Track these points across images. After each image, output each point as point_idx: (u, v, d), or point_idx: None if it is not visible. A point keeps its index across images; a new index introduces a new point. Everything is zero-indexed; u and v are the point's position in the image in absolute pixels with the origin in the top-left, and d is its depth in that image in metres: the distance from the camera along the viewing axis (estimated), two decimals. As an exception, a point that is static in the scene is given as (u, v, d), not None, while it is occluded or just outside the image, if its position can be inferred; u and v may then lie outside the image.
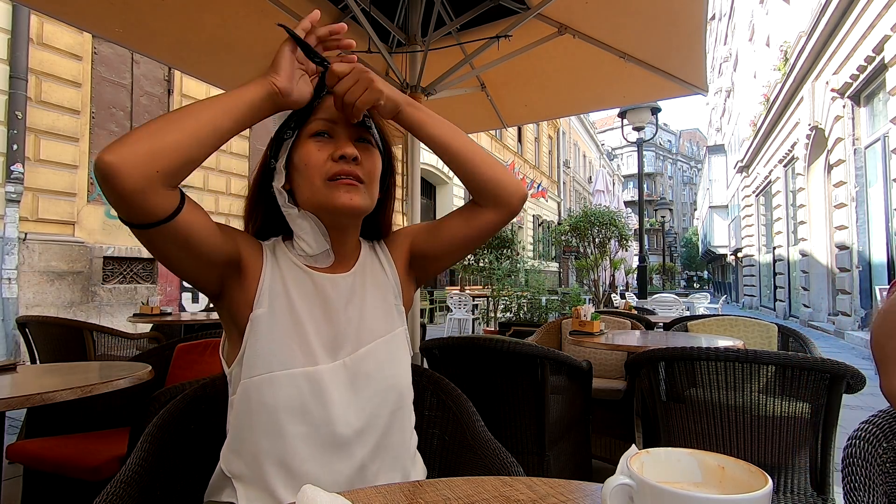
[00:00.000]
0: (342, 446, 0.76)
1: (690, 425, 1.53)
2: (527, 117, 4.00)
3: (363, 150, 0.81)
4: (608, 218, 8.96)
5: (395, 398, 0.82)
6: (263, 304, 0.77)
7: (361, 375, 0.79)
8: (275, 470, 0.74)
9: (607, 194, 12.70)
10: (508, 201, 0.86)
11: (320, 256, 0.82)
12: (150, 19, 2.27)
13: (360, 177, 0.79)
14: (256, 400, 0.74)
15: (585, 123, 29.77)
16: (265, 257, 0.80)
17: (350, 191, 0.78)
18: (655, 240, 40.43)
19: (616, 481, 0.47)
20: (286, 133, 0.80)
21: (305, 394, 0.75)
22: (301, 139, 0.80)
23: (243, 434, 0.76)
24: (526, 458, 1.72)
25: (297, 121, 0.80)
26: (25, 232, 4.91)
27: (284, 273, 0.80)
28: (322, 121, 0.79)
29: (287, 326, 0.77)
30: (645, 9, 2.46)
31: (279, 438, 0.74)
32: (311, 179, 0.78)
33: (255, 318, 0.76)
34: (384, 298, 0.86)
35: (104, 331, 2.58)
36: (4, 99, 4.79)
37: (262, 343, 0.75)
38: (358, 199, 0.78)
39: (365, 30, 2.30)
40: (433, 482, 0.65)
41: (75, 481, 1.58)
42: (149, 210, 0.62)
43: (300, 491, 0.54)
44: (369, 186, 0.81)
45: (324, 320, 0.79)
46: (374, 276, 0.87)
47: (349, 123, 0.80)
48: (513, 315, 7.78)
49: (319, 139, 0.79)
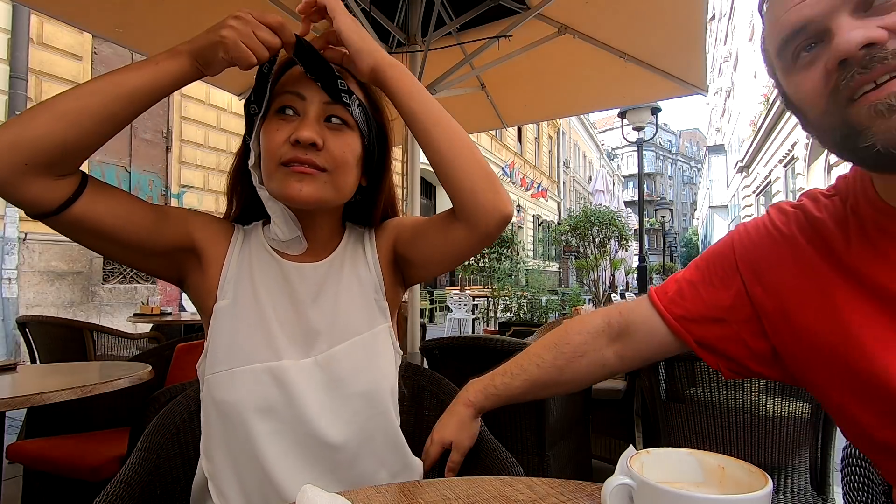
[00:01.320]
0: (318, 447, 0.72)
1: (690, 425, 1.53)
2: (527, 117, 4.00)
3: (333, 131, 0.71)
4: (608, 218, 8.98)
5: (375, 402, 0.75)
6: (227, 295, 0.73)
7: (334, 376, 0.73)
8: (247, 468, 0.70)
9: (607, 194, 12.71)
10: (480, 219, 0.70)
11: (292, 243, 0.76)
12: (149, 19, 2.27)
13: (319, 165, 0.69)
14: (219, 398, 0.69)
15: (585, 123, 29.78)
16: (233, 243, 0.76)
17: (302, 180, 0.68)
18: (655, 240, 40.44)
19: (616, 481, 0.47)
20: (251, 108, 0.73)
21: (270, 390, 0.70)
22: (269, 113, 0.72)
23: (211, 432, 0.72)
24: (526, 458, 1.72)
25: (257, 95, 0.72)
26: (25, 232, 4.91)
27: (252, 260, 0.75)
28: (290, 94, 0.70)
29: (250, 318, 0.72)
30: (645, 9, 2.46)
31: (246, 437, 0.69)
32: (266, 163, 0.71)
33: (217, 309, 0.72)
34: (363, 293, 0.79)
35: (104, 331, 2.58)
36: (4, 99, 4.79)
37: (225, 337, 0.71)
38: (310, 191, 0.69)
39: (365, 30, 2.30)
40: (433, 482, 0.65)
41: (75, 481, 1.58)
42: (30, 202, 0.59)
43: (300, 491, 0.53)
44: (336, 174, 0.71)
45: (291, 312, 0.74)
46: (354, 267, 0.80)
47: (324, 99, 0.70)
48: (513, 315, 7.78)
49: (283, 116, 0.70)
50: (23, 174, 0.57)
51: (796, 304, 0.63)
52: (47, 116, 0.57)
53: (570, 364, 0.78)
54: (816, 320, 0.61)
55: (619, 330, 0.78)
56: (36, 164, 0.57)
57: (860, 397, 0.57)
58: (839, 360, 0.58)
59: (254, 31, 0.64)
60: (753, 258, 0.69)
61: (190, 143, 6.69)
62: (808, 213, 0.66)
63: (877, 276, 0.56)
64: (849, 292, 0.58)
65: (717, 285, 0.72)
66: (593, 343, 0.78)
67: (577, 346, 0.78)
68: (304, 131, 0.67)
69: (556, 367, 0.78)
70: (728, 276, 0.71)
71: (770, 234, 0.68)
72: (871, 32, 0.47)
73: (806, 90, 0.54)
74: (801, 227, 0.66)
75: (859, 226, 0.59)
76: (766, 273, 0.67)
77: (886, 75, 0.47)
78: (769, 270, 0.67)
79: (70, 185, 0.61)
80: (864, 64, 0.48)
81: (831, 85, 0.51)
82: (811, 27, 0.52)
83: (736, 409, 1.45)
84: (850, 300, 0.58)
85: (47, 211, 0.60)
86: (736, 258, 0.71)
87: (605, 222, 8.90)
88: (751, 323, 0.69)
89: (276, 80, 0.73)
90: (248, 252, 0.76)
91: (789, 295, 0.64)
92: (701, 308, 0.72)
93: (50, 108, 0.58)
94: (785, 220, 0.68)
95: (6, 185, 0.57)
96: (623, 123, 8.75)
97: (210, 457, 0.73)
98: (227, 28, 0.63)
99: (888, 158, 0.49)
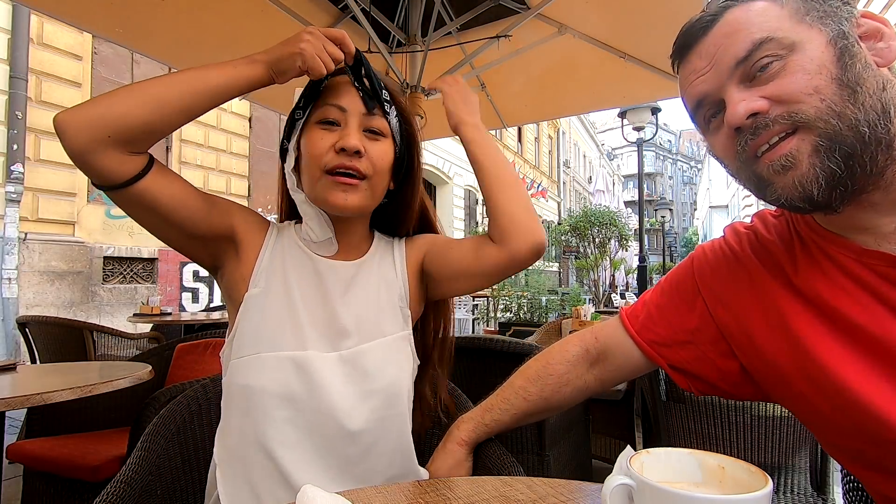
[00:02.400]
0: (333, 438, 0.74)
1: (690, 425, 1.53)
2: (527, 117, 4.01)
3: (371, 140, 0.78)
4: (608, 218, 8.99)
5: (393, 402, 0.79)
6: (260, 284, 0.76)
7: (359, 372, 0.76)
8: (255, 453, 0.72)
9: (607, 194, 12.72)
10: (515, 242, 0.77)
11: (324, 244, 0.81)
12: (149, 19, 2.27)
13: (362, 171, 0.75)
14: (242, 381, 0.73)
15: (585, 123, 29.78)
16: (268, 236, 0.80)
17: (347, 190, 0.75)
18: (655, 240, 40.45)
19: (616, 481, 0.47)
20: (297, 114, 0.79)
21: (291, 378, 0.73)
22: (310, 123, 0.78)
23: (230, 414, 0.75)
24: (526, 458, 1.72)
25: (307, 102, 0.78)
26: (25, 232, 4.91)
27: (286, 254, 0.79)
28: (332, 106, 0.76)
29: (280, 307, 0.76)
30: (645, 9, 2.46)
31: (264, 421, 0.72)
32: (311, 169, 0.76)
33: (249, 297, 0.75)
34: (389, 298, 0.83)
35: (104, 331, 2.58)
36: (4, 99, 4.79)
37: (254, 323, 0.74)
38: (354, 200, 0.76)
39: (365, 30, 2.30)
40: (433, 482, 0.65)
41: (75, 481, 1.58)
42: (102, 172, 0.65)
43: (300, 490, 0.54)
44: (374, 180, 0.78)
45: (320, 306, 0.78)
46: (382, 272, 0.84)
47: (361, 111, 0.77)
48: (513, 315, 7.78)
49: (326, 126, 0.76)
50: (104, 146, 0.63)
51: (757, 323, 0.65)
52: (135, 99, 0.64)
53: (556, 394, 0.81)
54: (774, 338, 0.63)
55: (597, 355, 0.81)
56: (117, 139, 0.63)
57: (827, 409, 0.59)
58: (801, 376, 0.60)
59: (323, 45, 0.72)
60: (713, 280, 0.71)
61: (190, 143, 6.69)
62: (759, 233, 0.69)
63: (823, 295, 0.59)
64: (800, 311, 0.61)
65: (681, 308, 0.74)
66: (574, 371, 0.81)
67: (560, 377, 0.81)
68: (350, 139, 0.74)
69: (542, 399, 0.81)
70: (691, 298, 0.73)
71: (727, 255, 0.71)
72: (753, 104, 0.55)
73: (720, 150, 0.62)
74: (753, 247, 0.69)
75: (803, 247, 0.63)
76: (727, 294, 0.69)
77: (775, 137, 0.55)
78: (729, 291, 0.69)
79: (139, 163, 0.67)
80: (753, 131, 0.56)
81: (736, 147, 0.58)
82: (708, 99, 0.60)
83: (736, 409, 1.45)
84: (801, 318, 0.60)
85: (116, 183, 0.66)
86: (696, 280, 0.73)
87: (605, 222, 8.91)
88: (717, 344, 0.71)
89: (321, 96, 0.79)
90: (281, 246, 0.80)
91: (749, 314, 0.66)
92: (670, 332, 0.74)
93: (138, 91, 0.65)
94: (739, 242, 0.71)
95: (86, 153, 0.63)
96: (623, 123, 8.75)
97: (223, 441, 0.76)
98: (305, 42, 0.70)
99: (794, 206, 0.56)
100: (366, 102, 0.77)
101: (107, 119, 0.63)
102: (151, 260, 6.16)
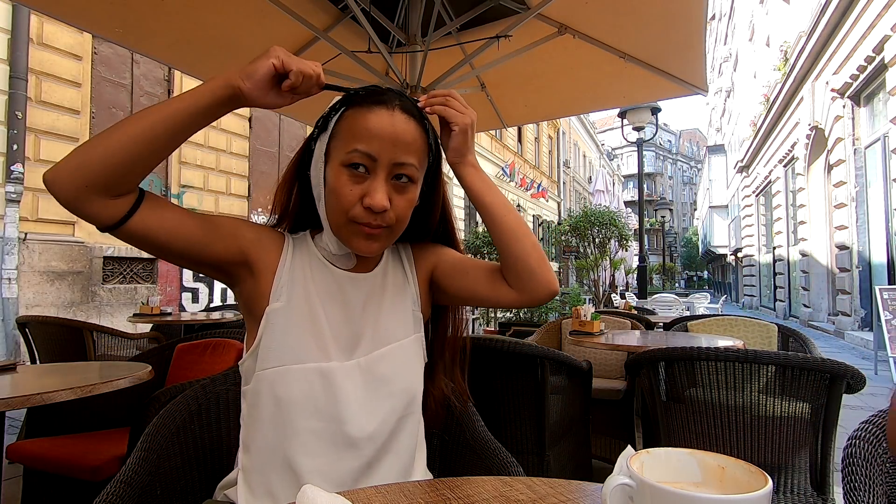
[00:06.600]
0: (350, 445, 0.76)
1: (690, 425, 1.53)
2: (527, 117, 4.00)
3: (398, 190, 0.76)
4: (608, 218, 8.97)
5: (407, 404, 0.82)
6: (281, 298, 0.77)
7: (376, 377, 0.79)
8: (278, 463, 0.74)
9: (607, 194, 12.71)
10: (533, 290, 0.81)
11: (343, 257, 0.82)
12: (149, 19, 2.27)
13: (386, 223, 0.76)
14: (268, 392, 0.75)
15: (585, 123, 29.76)
16: (285, 251, 0.80)
17: (370, 238, 0.76)
18: (655, 240, 40.42)
19: (616, 481, 0.47)
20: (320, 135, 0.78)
21: (317, 389, 0.75)
22: (336, 160, 0.75)
23: (254, 425, 0.77)
24: (526, 458, 1.72)
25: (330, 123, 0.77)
26: (25, 232, 4.91)
27: (306, 267, 0.80)
28: (361, 153, 0.73)
29: (303, 320, 0.77)
30: (645, 9, 2.46)
31: (289, 432, 0.74)
32: (335, 214, 0.76)
33: (271, 311, 0.76)
34: (403, 303, 0.86)
35: (104, 331, 2.58)
36: (4, 99, 4.78)
37: (277, 336, 0.75)
38: (376, 247, 0.77)
39: (365, 30, 2.30)
40: (433, 482, 0.65)
41: (75, 481, 1.58)
42: (91, 217, 0.66)
43: (300, 491, 0.54)
44: (395, 227, 0.78)
45: (341, 318, 0.80)
46: (395, 278, 0.87)
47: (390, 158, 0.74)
48: (513, 315, 7.77)
49: (354, 172, 0.74)
50: (85, 194, 0.65)
51: None
52: (101, 145, 0.65)
53: None
54: None
55: None
56: (96, 186, 0.65)
57: None
58: None
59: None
60: None
61: (190, 142, 6.69)
62: None
63: None
64: None
65: None
66: None
67: None
68: (377, 198, 0.73)
69: None
70: None
71: None
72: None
73: None
74: None
75: None
76: None
77: None
78: None
79: (126, 203, 0.68)
80: None
81: None
82: None
83: (736, 410, 1.45)
84: None
85: (107, 225, 0.68)
86: None
87: (605, 222, 8.89)
88: None
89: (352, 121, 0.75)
90: (300, 260, 0.81)
91: None
92: None
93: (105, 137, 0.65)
94: None
95: (73, 202, 0.65)
96: (623, 123, 8.74)
97: (248, 449, 0.78)
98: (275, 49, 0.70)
99: None
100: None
101: (83, 170, 0.64)
102: (151, 260, 6.15)
